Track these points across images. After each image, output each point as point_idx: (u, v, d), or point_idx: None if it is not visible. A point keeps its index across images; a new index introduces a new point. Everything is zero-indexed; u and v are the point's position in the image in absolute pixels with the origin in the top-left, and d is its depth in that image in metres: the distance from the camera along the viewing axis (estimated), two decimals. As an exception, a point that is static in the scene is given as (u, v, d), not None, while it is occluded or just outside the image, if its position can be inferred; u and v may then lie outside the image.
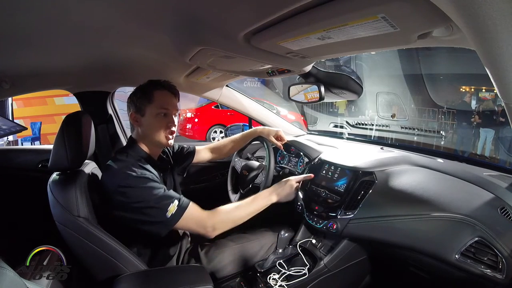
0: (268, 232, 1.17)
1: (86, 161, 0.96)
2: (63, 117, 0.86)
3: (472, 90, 5.09)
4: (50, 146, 0.88)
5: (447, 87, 5.33)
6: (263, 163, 1.29)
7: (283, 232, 1.16)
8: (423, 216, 0.82)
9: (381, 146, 1.36)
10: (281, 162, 1.44)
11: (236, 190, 1.32)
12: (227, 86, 1.64)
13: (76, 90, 1.43)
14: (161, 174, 1.00)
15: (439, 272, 0.87)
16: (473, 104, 4.99)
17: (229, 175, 1.36)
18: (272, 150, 1.17)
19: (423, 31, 0.53)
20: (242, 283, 1.04)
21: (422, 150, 1.23)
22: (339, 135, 1.82)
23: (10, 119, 5.18)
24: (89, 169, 0.96)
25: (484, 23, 0.34)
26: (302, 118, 5.01)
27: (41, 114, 6.05)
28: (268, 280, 0.99)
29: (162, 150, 1.07)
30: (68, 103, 5.95)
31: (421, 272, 0.95)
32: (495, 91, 1.24)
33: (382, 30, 0.53)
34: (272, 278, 0.99)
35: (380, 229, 0.89)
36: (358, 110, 6.06)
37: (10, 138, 5.07)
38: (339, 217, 0.97)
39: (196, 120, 6.52)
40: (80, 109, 1.47)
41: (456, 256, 0.74)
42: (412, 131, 3.61)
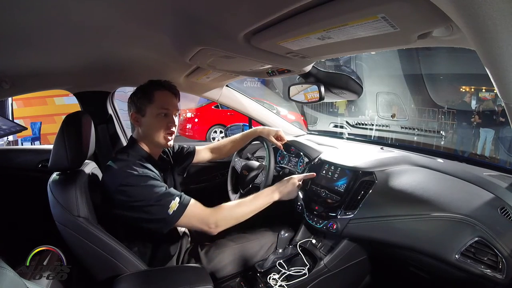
0: (268, 232, 1.17)
1: (86, 161, 0.96)
2: (63, 117, 0.86)
3: (472, 90, 5.10)
4: (50, 146, 0.88)
5: (447, 87, 5.33)
6: (263, 163, 1.29)
7: (283, 232, 1.17)
8: (423, 216, 0.82)
9: (381, 146, 1.36)
10: (281, 162, 1.44)
11: (236, 190, 1.32)
12: (227, 86, 1.64)
13: (76, 90, 1.43)
14: (162, 174, 1.00)
15: (439, 272, 0.87)
16: (473, 104, 5.00)
17: (229, 175, 1.36)
18: (272, 150, 1.16)
19: (423, 31, 0.53)
20: (242, 283, 1.04)
21: (422, 150, 1.23)
22: (339, 135, 1.82)
23: (10, 119, 5.18)
24: (89, 169, 0.96)
25: (484, 23, 0.34)
26: (302, 118, 5.00)
27: (41, 114, 6.04)
28: (268, 280, 0.99)
29: (162, 150, 1.07)
30: (68, 103, 5.95)
31: (421, 272, 0.95)
32: (495, 91, 1.24)
33: (382, 30, 0.53)
34: (272, 278, 0.99)
35: (380, 229, 0.89)
36: (358, 110, 6.06)
37: (10, 138, 5.06)
38: (339, 217, 0.97)
39: (196, 120, 6.52)
40: (80, 109, 1.47)
41: (456, 256, 0.74)
42: (412, 131, 3.60)
